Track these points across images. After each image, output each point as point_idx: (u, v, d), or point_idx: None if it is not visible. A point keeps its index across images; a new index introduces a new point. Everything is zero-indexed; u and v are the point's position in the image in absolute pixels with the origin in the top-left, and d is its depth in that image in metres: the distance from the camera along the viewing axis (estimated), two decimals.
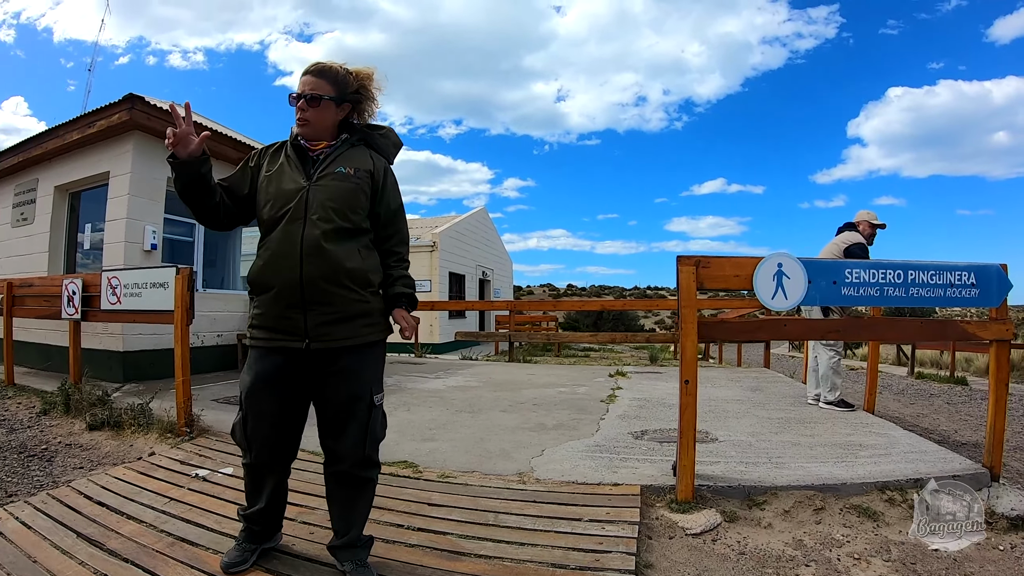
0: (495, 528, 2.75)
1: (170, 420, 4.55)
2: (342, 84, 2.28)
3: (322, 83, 2.24)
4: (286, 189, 2.20)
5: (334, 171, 2.22)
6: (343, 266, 2.14)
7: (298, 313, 2.13)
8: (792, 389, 7.15)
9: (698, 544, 2.78)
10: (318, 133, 2.27)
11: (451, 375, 8.40)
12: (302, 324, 2.14)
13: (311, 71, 2.25)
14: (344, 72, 2.29)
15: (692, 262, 3.27)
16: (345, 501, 2.28)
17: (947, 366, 13.65)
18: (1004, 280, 3.48)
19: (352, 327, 2.18)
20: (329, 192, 2.18)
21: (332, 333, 2.15)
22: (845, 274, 3.35)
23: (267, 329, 2.19)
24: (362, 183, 2.25)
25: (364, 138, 2.38)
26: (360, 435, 2.20)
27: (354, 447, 2.20)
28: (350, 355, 2.18)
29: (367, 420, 2.21)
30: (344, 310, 2.16)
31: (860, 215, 5.87)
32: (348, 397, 2.19)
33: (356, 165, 2.26)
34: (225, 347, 8.42)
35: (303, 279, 2.11)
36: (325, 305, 2.13)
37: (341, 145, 2.30)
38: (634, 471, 3.53)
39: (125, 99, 6.64)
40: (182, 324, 4.61)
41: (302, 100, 2.22)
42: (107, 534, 2.72)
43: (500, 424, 4.95)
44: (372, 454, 2.27)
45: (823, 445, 4.15)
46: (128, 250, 6.89)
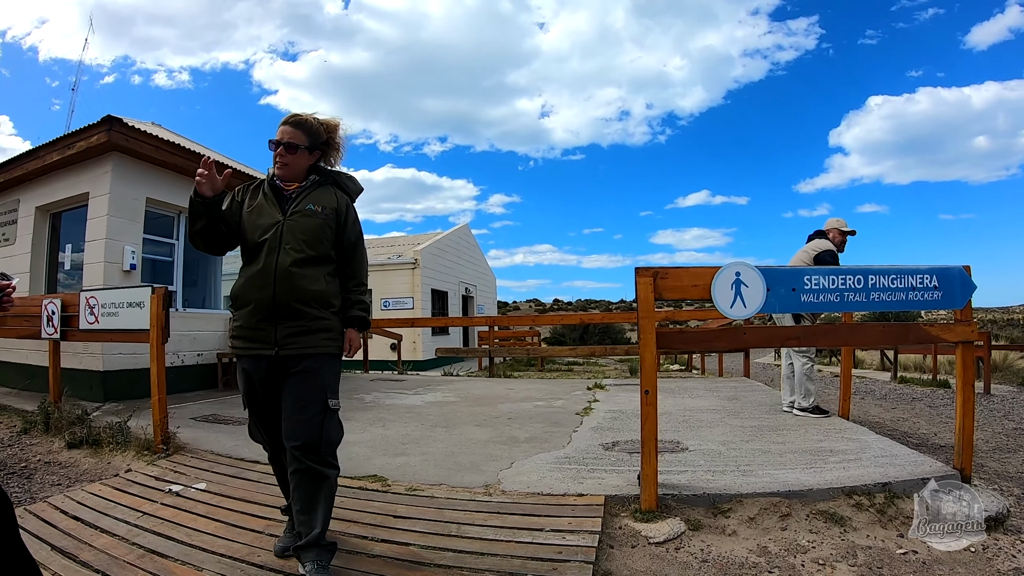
0: (457, 539, 2.79)
1: (147, 438, 4.57)
2: (314, 134, 2.64)
3: (298, 133, 2.60)
4: (265, 223, 2.55)
5: (305, 208, 2.57)
6: (309, 289, 2.49)
7: (270, 325, 2.48)
8: (769, 397, 7.18)
9: (660, 552, 2.81)
10: (294, 175, 2.63)
11: (430, 391, 8.39)
12: (272, 335, 2.47)
13: (290, 122, 2.61)
14: (316, 123, 2.66)
15: (650, 273, 3.28)
16: (306, 499, 2.42)
17: (930, 369, 13.73)
18: (967, 282, 3.50)
19: (314, 339, 2.50)
20: (300, 226, 2.53)
21: (296, 343, 2.47)
22: (804, 281, 3.38)
23: (244, 339, 2.53)
24: (328, 219, 2.60)
25: (334, 179, 2.72)
26: (316, 431, 2.42)
27: (310, 441, 2.41)
28: (310, 360, 2.48)
29: (322, 420, 2.45)
30: (308, 325, 2.49)
31: (830, 223, 5.93)
32: (307, 395, 2.45)
33: (323, 203, 2.61)
34: (205, 366, 8.40)
35: (275, 298, 2.46)
36: (293, 320, 2.48)
37: (310, 186, 2.65)
38: (600, 482, 3.55)
39: (104, 120, 6.67)
40: (157, 343, 4.63)
41: (281, 147, 2.58)
42: (80, 547, 2.83)
43: (473, 438, 4.96)
44: (327, 454, 2.47)
45: (793, 452, 4.17)
46: (108, 270, 6.90)
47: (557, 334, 29.83)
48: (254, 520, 3.06)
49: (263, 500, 3.35)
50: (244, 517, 3.11)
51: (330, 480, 2.47)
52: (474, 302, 25.61)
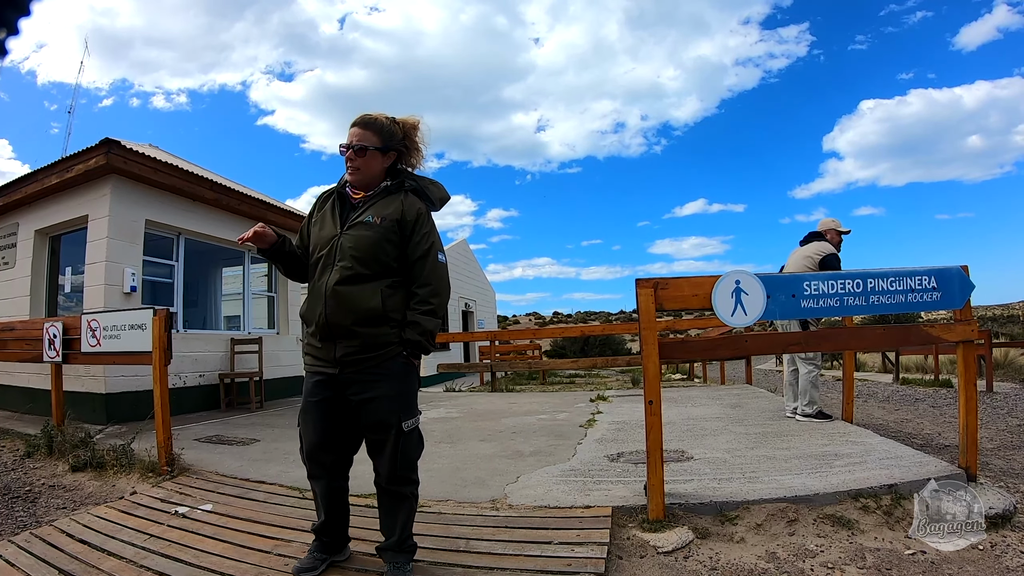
0: (466, 554, 2.78)
1: (151, 460, 4.55)
2: (387, 134, 2.50)
3: (368, 134, 2.47)
4: (324, 236, 2.49)
5: (363, 220, 2.45)
6: (361, 307, 2.38)
7: (330, 345, 2.43)
8: (772, 404, 7.16)
9: (669, 562, 2.81)
10: (368, 180, 2.51)
11: (433, 407, 8.35)
12: (333, 354, 2.42)
13: (358, 123, 2.48)
14: (390, 122, 2.52)
15: (650, 284, 3.30)
16: (387, 510, 2.55)
17: (932, 370, 13.73)
18: (966, 282, 3.53)
19: (375, 358, 2.41)
20: (354, 241, 2.42)
21: (357, 362, 2.40)
22: (803, 287, 3.40)
23: (310, 356, 2.53)
24: (388, 232, 2.43)
25: (412, 186, 2.56)
26: (392, 457, 2.44)
27: (387, 466, 2.46)
28: (376, 381, 2.41)
29: (397, 444, 2.43)
30: (366, 343, 2.40)
31: (825, 223, 5.94)
32: (378, 425, 2.44)
33: (384, 214, 2.45)
34: (207, 387, 8.38)
35: (327, 318, 2.39)
36: (348, 339, 2.40)
37: (379, 194, 2.52)
38: (607, 493, 3.55)
39: (102, 143, 6.70)
40: (160, 364, 4.63)
41: (350, 151, 2.47)
42: (88, 570, 2.82)
43: (478, 453, 4.95)
44: (406, 473, 2.50)
45: (798, 457, 4.18)
46: (108, 293, 6.91)
47: (558, 347, 29.84)
48: (261, 540, 3.05)
49: (270, 520, 3.35)
50: (251, 537, 3.11)
51: (409, 497, 2.54)
52: (474, 317, 25.54)
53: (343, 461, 2.61)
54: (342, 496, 2.66)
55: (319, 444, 2.52)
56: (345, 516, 2.71)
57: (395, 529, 2.51)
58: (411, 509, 2.56)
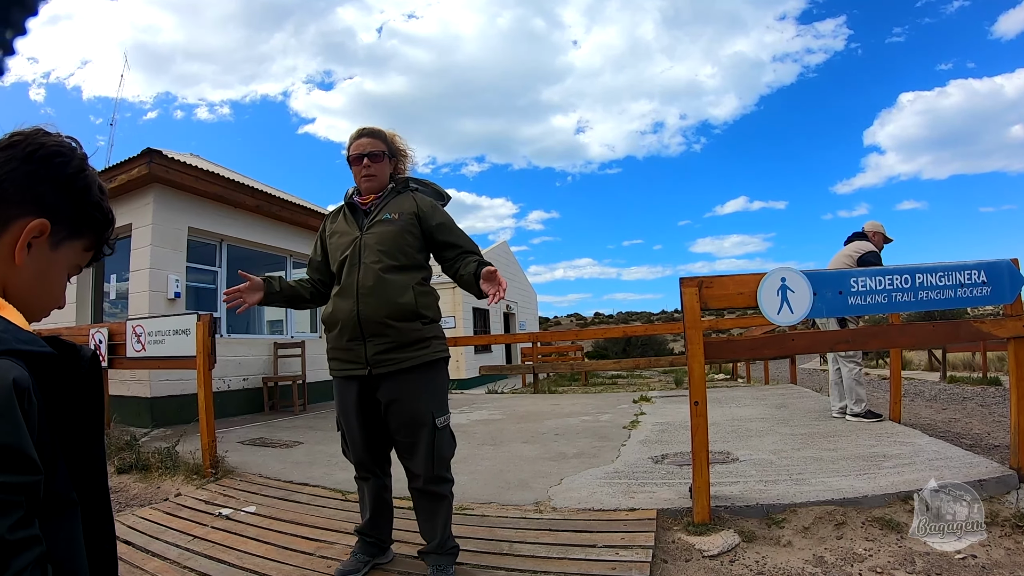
0: (509, 557, 2.77)
1: (196, 462, 4.64)
2: (388, 141, 2.66)
3: (377, 141, 2.61)
4: (344, 241, 2.55)
5: (381, 218, 2.54)
6: (395, 302, 2.42)
7: (359, 344, 2.44)
8: (818, 404, 7.02)
9: (715, 566, 2.75)
10: (380, 185, 2.62)
11: (476, 409, 8.37)
12: (363, 354, 2.43)
13: (365, 133, 2.62)
14: (386, 132, 2.68)
15: (695, 283, 3.26)
16: (425, 512, 2.56)
17: (980, 367, 13.33)
18: (1016, 275, 3.40)
19: (407, 353, 2.43)
20: (378, 237, 2.50)
21: (389, 360, 2.41)
22: (851, 283, 3.32)
23: (337, 360, 2.54)
24: (407, 224, 2.53)
25: (414, 185, 2.72)
26: (427, 456, 2.44)
27: (423, 467, 2.46)
28: (408, 377, 2.43)
29: (431, 442, 2.44)
30: (398, 339, 2.42)
31: (871, 225, 5.83)
32: (411, 424, 2.44)
33: (400, 210, 2.56)
34: (251, 391, 8.51)
35: (360, 315, 2.41)
36: (381, 336, 2.42)
37: (387, 195, 2.62)
38: (651, 495, 3.51)
39: (143, 153, 6.87)
40: (204, 369, 4.72)
41: (366, 158, 2.57)
42: (132, 571, 2.87)
43: (521, 455, 4.93)
44: (441, 472, 2.50)
45: (845, 458, 4.07)
46: (152, 299, 7.08)
47: (599, 348, 29.69)
48: (304, 542, 3.08)
49: (313, 522, 3.38)
50: (294, 539, 3.14)
51: (446, 496, 2.55)
52: (515, 319, 25.49)
53: (384, 459, 2.67)
54: (387, 495, 2.71)
55: (364, 445, 2.57)
56: (390, 515, 2.74)
57: (436, 532, 2.53)
58: (449, 509, 2.57)
